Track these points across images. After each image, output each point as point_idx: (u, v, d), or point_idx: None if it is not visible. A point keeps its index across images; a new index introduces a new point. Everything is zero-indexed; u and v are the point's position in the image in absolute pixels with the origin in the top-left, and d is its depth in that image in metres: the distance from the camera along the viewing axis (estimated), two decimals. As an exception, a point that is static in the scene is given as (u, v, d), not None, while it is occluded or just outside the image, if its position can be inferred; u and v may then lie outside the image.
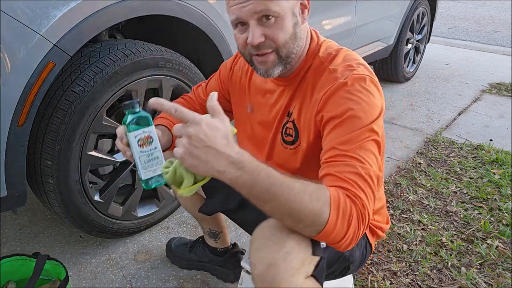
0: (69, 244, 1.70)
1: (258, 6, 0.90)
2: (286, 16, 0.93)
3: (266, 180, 0.76)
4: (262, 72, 0.99)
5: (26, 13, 1.15)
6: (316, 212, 0.77)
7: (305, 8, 1.00)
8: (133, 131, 0.91)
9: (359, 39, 2.85)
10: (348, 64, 0.98)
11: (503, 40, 5.64)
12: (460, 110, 3.23)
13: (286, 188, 0.77)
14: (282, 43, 0.94)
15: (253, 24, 0.92)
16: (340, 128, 0.90)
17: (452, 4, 8.28)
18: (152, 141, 0.92)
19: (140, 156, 0.91)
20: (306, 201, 0.77)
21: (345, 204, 0.79)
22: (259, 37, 0.93)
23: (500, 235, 1.78)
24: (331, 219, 0.77)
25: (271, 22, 0.92)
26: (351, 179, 0.83)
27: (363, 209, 0.81)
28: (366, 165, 0.85)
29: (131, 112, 0.92)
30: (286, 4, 0.93)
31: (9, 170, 1.24)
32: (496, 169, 2.32)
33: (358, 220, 0.80)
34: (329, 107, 0.94)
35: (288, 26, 0.94)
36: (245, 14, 0.91)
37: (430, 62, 4.48)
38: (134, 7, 1.40)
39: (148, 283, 1.52)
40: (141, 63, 1.45)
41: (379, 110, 0.93)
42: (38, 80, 1.20)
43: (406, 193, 2.09)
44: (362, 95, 0.92)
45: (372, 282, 1.53)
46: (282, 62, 0.98)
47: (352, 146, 0.87)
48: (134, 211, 1.67)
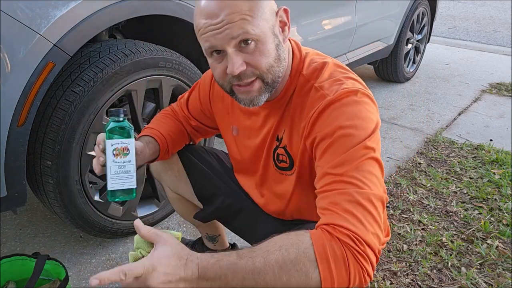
0: (69, 244, 1.69)
1: (235, 30, 0.79)
2: (266, 38, 0.83)
3: (236, 278, 0.70)
4: (247, 102, 0.89)
5: (26, 13, 1.14)
6: (302, 281, 0.71)
7: (285, 25, 0.90)
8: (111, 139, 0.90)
9: (359, 39, 2.85)
10: (336, 79, 0.89)
11: (503, 40, 5.64)
12: (460, 110, 3.23)
13: (259, 275, 0.70)
14: (266, 68, 0.85)
15: (232, 51, 0.82)
16: (331, 149, 0.82)
17: (452, 4, 8.28)
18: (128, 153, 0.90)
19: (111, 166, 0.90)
20: (285, 279, 0.70)
21: (333, 251, 0.71)
22: (240, 66, 0.82)
23: (500, 235, 1.78)
24: (323, 276, 0.71)
25: (251, 48, 0.82)
26: (346, 210, 0.75)
27: (359, 245, 0.72)
28: (365, 189, 0.77)
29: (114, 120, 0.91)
30: (266, 25, 0.83)
31: (9, 170, 1.24)
32: (496, 169, 2.32)
33: (356, 259, 0.72)
34: (318, 127, 0.86)
35: (270, 49, 0.84)
36: (220, 41, 0.81)
37: (430, 62, 4.48)
38: (134, 7, 1.40)
39: (148, 283, 1.52)
40: (141, 63, 1.45)
41: (374, 124, 0.84)
42: (38, 80, 1.20)
43: (406, 193, 2.09)
44: (353, 109, 0.83)
45: (372, 282, 1.53)
46: (268, 88, 0.88)
47: (346, 169, 0.78)
48: (134, 211, 1.67)
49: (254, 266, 0.71)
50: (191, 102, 1.23)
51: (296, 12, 2.22)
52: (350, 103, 0.84)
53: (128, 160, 0.91)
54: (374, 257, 0.75)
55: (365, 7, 2.80)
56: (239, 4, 0.80)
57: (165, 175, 1.30)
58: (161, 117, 1.24)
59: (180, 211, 1.46)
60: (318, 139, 0.85)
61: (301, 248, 0.72)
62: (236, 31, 0.80)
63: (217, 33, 0.80)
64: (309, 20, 2.33)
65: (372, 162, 0.81)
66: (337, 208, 0.76)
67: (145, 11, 1.44)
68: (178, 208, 1.45)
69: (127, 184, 0.92)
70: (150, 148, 1.10)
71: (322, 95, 0.88)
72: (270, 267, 0.70)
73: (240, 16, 0.79)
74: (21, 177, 1.28)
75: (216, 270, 0.70)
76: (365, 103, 0.86)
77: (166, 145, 1.17)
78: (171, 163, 1.26)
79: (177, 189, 1.33)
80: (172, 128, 1.21)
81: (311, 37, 2.37)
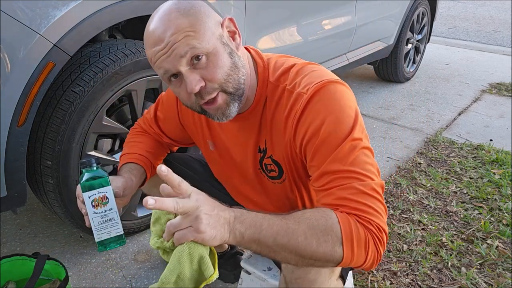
0: (69, 244, 1.70)
1: (182, 48, 0.79)
2: (217, 49, 0.82)
3: (270, 230, 0.73)
4: (220, 117, 0.88)
5: (26, 13, 1.15)
6: (327, 253, 0.74)
7: (234, 33, 0.89)
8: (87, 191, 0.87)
9: (359, 39, 2.85)
10: (305, 75, 0.89)
11: (503, 40, 5.64)
12: (460, 110, 3.23)
13: (293, 235, 0.73)
14: (224, 79, 0.84)
15: (185, 70, 0.81)
16: (321, 149, 0.83)
17: (452, 4, 8.28)
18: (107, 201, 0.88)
19: (93, 218, 0.88)
20: (315, 246, 0.74)
21: (358, 233, 0.75)
22: (198, 82, 0.81)
23: (500, 235, 1.78)
24: (346, 254, 0.75)
25: (203, 62, 0.81)
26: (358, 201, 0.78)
27: (379, 233, 0.77)
28: (366, 180, 0.79)
29: (88, 171, 0.89)
30: (212, 37, 0.82)
31: (9, 170, 1.24)
32: (496, 169, 2.32)
33: (376, 245, 0.77)
34: (302, 128, 0.86)
35: (223, 58, 0.83)
36: (172, 63, 0.81)
37: (430, 62, 4.48)
38: (134, 7, 1.40)
39: (148, 283, 1.52)
40: (141, 63, 1.45)
41: (354, 111, 0.85)
42: (38, 80, 1.20)
43: (406, 193, 2.09)
44: (331, 102, 0.84)
45: (372, 282, 1.53)
46: (234, 97, 0.87)
47: (342, 166, 0.80)
48: (134, 211, 1.67)
49: (287, 226, 0.74)
50: (160, 118, 1.18)
51: (296, 12, 2.22)
52: (326, 96, 0.84)
53: (109, 208, 0.89)
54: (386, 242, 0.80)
55: (365, 7, 2.80)
56: (180, 23, 0.80)
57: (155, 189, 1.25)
58: (133, 138, 1.20)
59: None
60: (305, 140, 0.86)
61: (329, 222, 0.75)
62: (183, 49, 0.80)
63: (166, 56, 0.81)
64: (309, 20, 2.33)
65: (364, 152, 0.82)
66: (349, 202, 0.78)
67: (145, 11, 1.44)
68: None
69: (114, 232, 0.90)
70: (135, 174, 1.06)
71: (297, 94, 0.87)
72: (302, 231, 0.74)
73: (183, 34, 0.80)
74: (21, 177, 1.28)
75: (252, 216, 0.74)
76: (341, 91, 0.86)
77: (149, 162, 1.13)
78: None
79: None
80: (147, 144, 1.17)
81: (311, 37, 2.37)
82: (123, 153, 1.15)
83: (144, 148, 1.15)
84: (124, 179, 1.01)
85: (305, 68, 0.91)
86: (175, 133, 1.19)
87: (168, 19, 0.81)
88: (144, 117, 1.23)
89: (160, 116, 1.18)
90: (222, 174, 1.18)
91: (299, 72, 0.91)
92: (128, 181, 1.02)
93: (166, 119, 1.17)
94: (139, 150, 1.14)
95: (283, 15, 2.14)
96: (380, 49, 3.19)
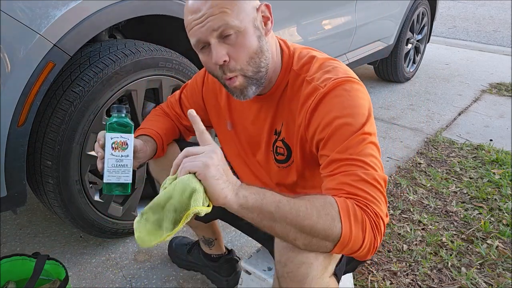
0: (69, 244, 1.70)
1: (216, 22, 0.85)
2: (247, 30, 0.87)
3: (273, 197, 0.76)
4: (238, 95, 0.95)
5: (26, 13, 1.15)
6: (327, 226, 0.76)
7: (268, 19, 0.94)
8: (111, 132, 0.93)
9: (359, 39, 2.85)
10: (325, 71, 0.93)
11: (503, 40, 5.64)
12: (460, 110, 3.23)
13: (294, 205, 0.76)
14: (246, 61, 0.89)
15: (215, 42, 0.87)
16: (332, 139, 0.87)
17: (452, 4, 8.28)
18: (126, 148, 0.94)
19: (109, 159, 0.92)
20: (315, 217, 0.75)
21: (354, 211, 0.77)
22: (223, 56, 0.87)
23: (500, 235, 1.78)
24: (345, 229, 0.76)
25: (233, 39, 0.87)
26: (358, 187, 0.81)
27: (376, 218, 0.79)
28: (370, 170, 0.82)
29: (116, 116, 0.95)
30: (246, 18, 0.87)
31: (9, 170, 1.24)
32: (496, 169, 2.32)
33: (373, 229, 0.78)
34: (316, 119, 0.90)
35: (252, 40, 0.88)
36: (204, 33, 0.86)
37: (430, 62, 4.48)
38: (134, 7, 1.40)
39: (148, 283, 1.52)
40: (141, 63, 1.45)
41: (367, 110, 0.90)
42: (38, 80, 1.20)
43: (406, 193, 2.09)
44: (347, 98, 0.88)
45: (372, 282, 1.53)
46: (252, 81, 0.92)
47: (349, 155, 0.84)
48: (134, 211, 1.67)
49: (289, 198, 0.77)
50: (184, 101, 1.24)
51: (296, 12, 2.22)
52: (343, 93, 0.89)
53: (126, 154, 0.94)
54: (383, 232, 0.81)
55: (365, 7, 2.80)
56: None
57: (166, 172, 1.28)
58: (152, 117, 1.26)
59: None
60: (318, 130, 0.90)
61: (328, 200, 0.78)
62: (217, 23, 0.85)
63: (200, 26, 0.86)
64: (309, 20, 2.33)
65: (372, 146, 0.86)
66: (349, 187, 0.81)
67: (145, 11, 1.44)
68: None
69: (123, 178, 0.94)
70: (149, 146, 1.12)
71: (314, 87, 0.92)
72: (303, 203, 0.77)
73: (220, 10, 0.85)
74: (21, 177, 1.28)
75: (257, 188, 0.78)
76: (356, 90, 0.90)
77: (162, 142, 1.18)
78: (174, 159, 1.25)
79: None
80: (165, 125, 1.23)
81: (311, 37, 2.37)
82: (140, 127, 1.20)
83: (160, 128, 1.20)
84: (142, 142, 1.07)
85: (326, 63, 0.96)
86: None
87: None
88: (168, 100, 1.29)
89: (184, 98, 1.24)
90: (234, 154, 1.21)
91: (321, 66, 0.95)
92: (143, 146, 1.07)
93: (189, 101, 1.23)
94: (156, 127, 1.19)
95: (283, 15, 2.14)
96: (380, 49, 3.19)
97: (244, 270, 1.21)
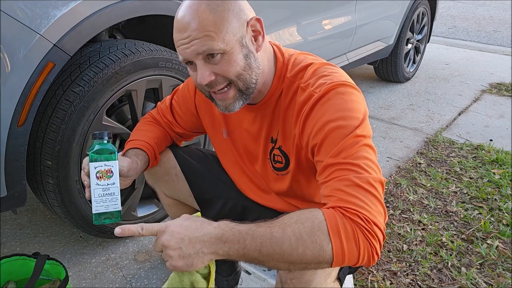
0: (69, 244, 1.70)
1: (200, 46, 0.84)
2: (233, 50, 0.86)
3: (254, 243, 0.74)
4: (222, 108, 0.94)
5: (26, 13, 1.15)
6: (316, 253, 0.74)
7: (259, 34, 0.92)
8: (94, 162, 0.90)
9: (359, 39, 2.85)
10: (319, 76, 0.92)
11: (503, 40, 5.64)
12: (460, 110, 3.23)
13: (276, 244, 0.73)
14: (235, 76, 0.88)
15: (200, 63, 0.87)
16: (325, 143, 0.86)
17: (452, 4, 8.28)
18: (111, 175, 0.91)
19: (95, 189, 0.90)
20: (301, 249, 0.73)
21: (344, 226, 0.75)
22: (208, 76, 0.87)
23: (500, 235, 1.78)
24: (336, 250, 0.74)
25: (218, 59, 0.86)
26: (349, 193, 0.78)
27: (368, 224, 0.76)
28: (363, 174, 0.80)
29: (98, 143, 0.92)
30: (232, 38, 0.85)
31: (9, 170, 1.24)
32: (496, 169, 2.32)
33: (366, 238, 0.75)
34: (310, 124, 0.89)
35: (238, 59, 0.87)
36: (189, 54, 0.86)
37: (430, 62, 4.48)
38: (134, 7, 1.40)
39: (148, 283, 1.52)
40: (141, 63, 1.45)
41: (362, 114, 0.88)
42: (38, 80, 1.20)
43: (406, 193, 2.09)
44: (340, 102, 0.87)
45: (372, 282, 1.53)
46: (242, 95, 0.92)
47: (343, 159, 0.82)
48: (134, 211, 1.67)
49: (272, 234, 0.74)
50: (175, 108, 1.22)
51: (296, 12, 2.22)
52: (335, 97, 0.88)
53: (112, 182, 0.92)
54: (381, 236, 0.78)
55: (365, 7, 2.80)
56: (204, 19, 0.83)
57: (161, 181, 1.27)
58: (142, 126, 1.23)
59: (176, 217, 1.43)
60: (312, 136, 0.89)
61: (315, 222, 0.75)
62: (200, 47, 0.84)
63: (186, 47, 0.86)
64: (309, 20, 2.33)
65: (366, 148, 0.84)
66: (341, 193, 0.79)
67: (145, 11, 1.44)
68: (174, 214, 1.41)
69: (112, 206, 0.92)
70: (140, 159, 1.10)
71: (309, 93, 0.91)
72: (287, 237, 0.74)
73: (204, 33, 0.83)
74: (21, 177, 1.28)
75: (235, 233, 0.74)
76: (350, 94, 0.89)
77: (154, 152, 1.17)
78: (169, 167, 1.24)
79: (175, 194, 1.30)
80: (156, 134, 1.20)
81: (311, 37, 2.37)
82: (130, 139, 1.19)
83: (151, 137, 1.18)
84: (131, 160, 1.06)
85: (321, 69, 0.95)
86: (187, 122, 1.22)
87: (196, 10, 0.84)
88: (158, 107, 1.26)
89: (175, 105, 1.22)
90: (231, 162, 1.20)
91: (315, 72, 0.94)
92: (133, 163, 1.06)
93: (181, 108, 1.21)
94: (147, 138, 1.17)
95: (283, 15, 2.14)
96: (380, 49, 3.19)
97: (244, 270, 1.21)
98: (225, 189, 1.24)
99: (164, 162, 1.23)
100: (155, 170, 1.24)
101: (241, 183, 1.22)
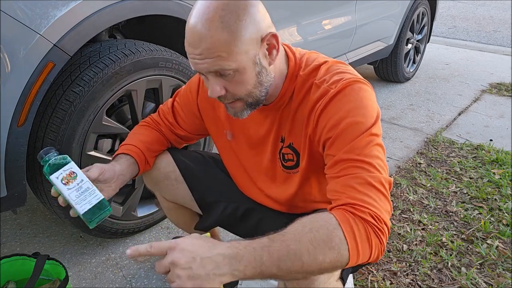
0: (69, 244, 1.70)
1: (211, 65, 0.83)
2: (246, 68, 0.85)
3: (271, 259, 0.71)
4: (232, 113, 0.96)
5: (26, 13, 1.14)
6: (334, 259, 0.74)
7: (273, 47, 0.89)
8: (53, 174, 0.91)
9: (359, 39, 2.85)
10: (334, 73, 0.93)
11: (503, 40, 5.64)
12: (460, 110, 3.23)
13: (295, 256, 0.72)
14: (245, 94, 0.89)
15: (211, 77, 0.86)
16: (340, 138, 0.86)
17: (452, 4, 8.28)
18: (76, 175, 0.92)
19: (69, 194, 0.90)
20: (321, 258, 0.73)
21: (358, 228, 0.76)
22: (219, 91, 0.87)
23: (500, 235, 1.78)
24: (352, 253, 0.75)
25: (230, 76, 0.85)
26: (361, 191, 0.80)
27: (379, 223, 0.78)
28: (375, 173, 0.82)
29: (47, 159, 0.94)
30: (245, 57, 0.84)
31: (9, 170, 1.24)
32: (496, 169, 2.32)
33: (377, 235, 0.78)
34: (324, 119, 0.89)
35: (249, 77, 0.87)
36: (201, 69, 0.86)
37: (430, 62, 4.48)
38: (134, 7, 1.40)
39: (148, 283, 1.52)
40: (141, 63, 1.45)
41: (376, 112, 0.89)
42: (38, 80, 1.20)
43: (406, 193, 2.09)
44: (356, 99, 0.88)
45: (372, 282, 1.53)
46: (251, 106, 0.93)
47: (356, 155, 0.83)
48: (134, 211, 1.67)
49: (288, 248, 0.72)
50: (177, 109, 1.20)
51: (296, 12, 2.22)
52: (351, 93, 0.88)
53: (80, 180, 0.92)
54: (388, 233, 0.80)
55: (365, 7, 2.80)
56: (217, 39, 0.80)
57: (161, 185, 1.25)
58: (134, 129, 1.22)
59: (176, 221, 1.43)
60: (326, 129, 0.89)
61: (330, 228, 0.75)
62: (212, 67, 0.83)
63: (197, 63, 0.84)
64: (309, 20, 2.33)
65: (378, 148, 0.86)
66: (352, 190, 0.80)
67: (145, 11, 1.44)
68: (175, 218, 1.40)
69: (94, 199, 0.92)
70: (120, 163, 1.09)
71: (324, 89, 0.91)
72: (305, 248, 0.72)
73: (216, 54, 0.81)
74: (21, 177, 1.28)
75: (250, 251, 0.71)
76: (365, 91, 0.90)
77: (143, 156, 1.15)
78: (168, 172, 1.22)
79: (175, 198, 1.28)
80: (148, 137, 1.18)
81: (311, 37, 2.37)
82: (123, 143, 1.18)
83: (142, 140, 1.17)
84: (102, 165, 1.06)
85: (335, 66, 0.96)
86: (190, 124, 1.21)
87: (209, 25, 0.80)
88: (159, 109, 1.25)
89: (177, 107, 1.21)
90: (234, 164, 1.18)
91: (329, 69, 0.95)
92: (107, 167, 1.05)
93: (183, 110, 1.20)
94: (135, 141, 1.16)
95: (283, 15, 2.14)
96: (380, 49, 3.19)
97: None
98: (226, 191, 1.23)
99: (164, 166, 1.21)
100: (154, 175, 1.22)
101: (244, 185, 1.21)
